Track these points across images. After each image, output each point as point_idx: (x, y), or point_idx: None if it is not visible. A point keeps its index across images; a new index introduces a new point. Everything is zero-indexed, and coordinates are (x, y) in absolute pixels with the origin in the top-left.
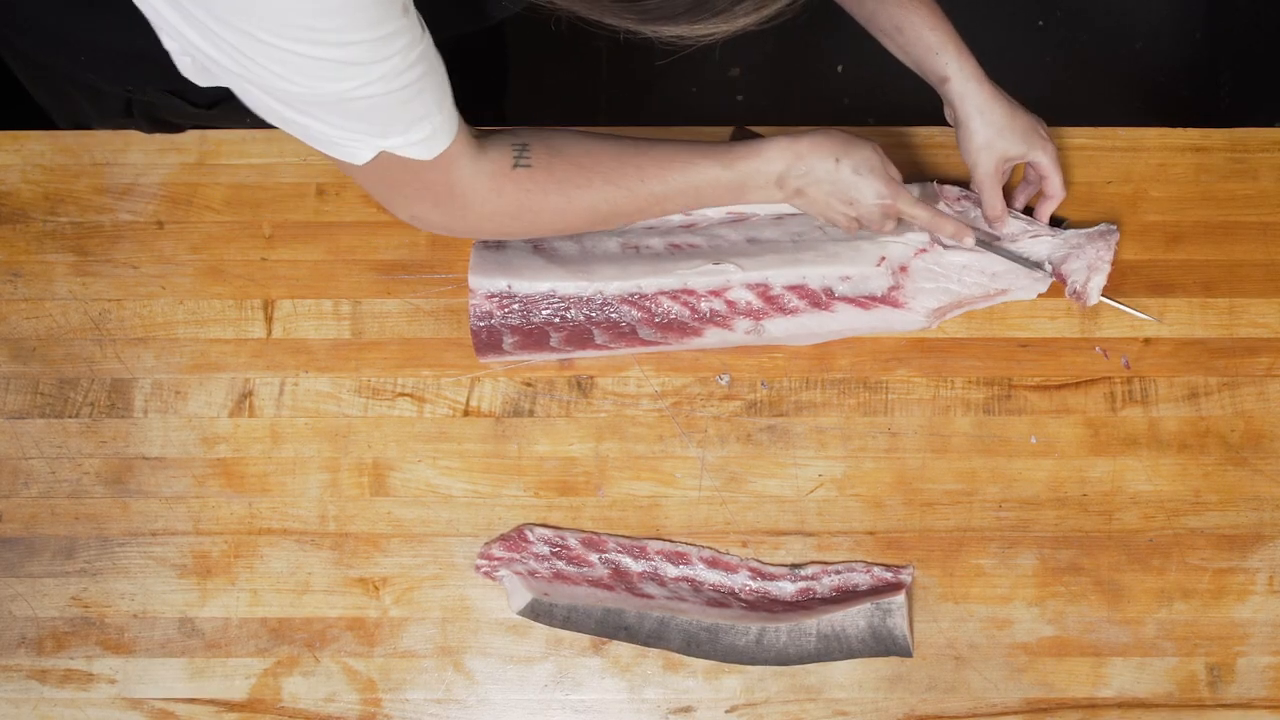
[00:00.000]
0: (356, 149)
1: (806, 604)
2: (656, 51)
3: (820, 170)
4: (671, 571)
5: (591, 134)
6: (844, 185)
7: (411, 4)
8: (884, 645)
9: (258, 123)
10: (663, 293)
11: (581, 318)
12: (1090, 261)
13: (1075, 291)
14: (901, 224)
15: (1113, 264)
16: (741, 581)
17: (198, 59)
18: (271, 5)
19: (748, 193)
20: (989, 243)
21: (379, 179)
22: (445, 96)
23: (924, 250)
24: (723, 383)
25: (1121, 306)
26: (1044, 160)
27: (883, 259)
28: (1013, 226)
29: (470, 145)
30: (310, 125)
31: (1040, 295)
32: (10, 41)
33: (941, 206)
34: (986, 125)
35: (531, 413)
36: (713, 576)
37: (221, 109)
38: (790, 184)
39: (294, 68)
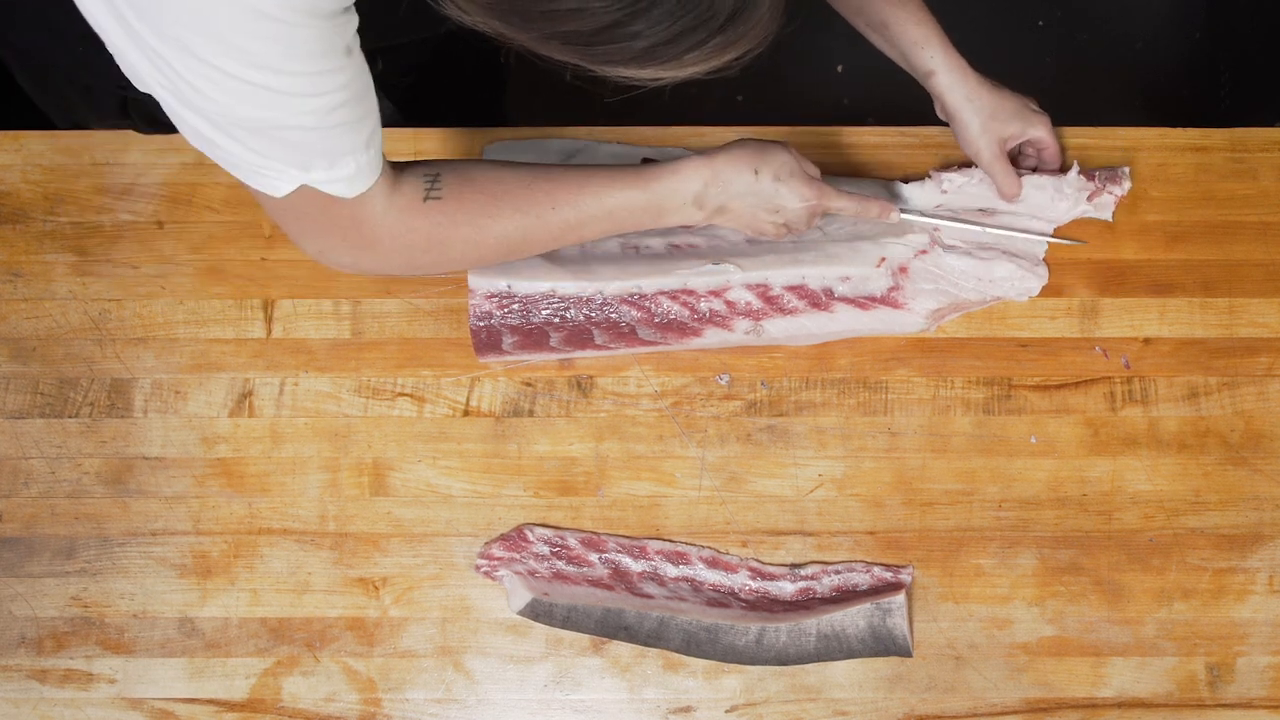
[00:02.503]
0: (277, 180)
1: (806, 604)
2: (609, 86)
3: (740, 184)
4: (671, 571)
5: (505, 164)
6: (767, 195)
7: (357, 45)
8: (884, 645)
9: None
10: (662, 293)
11: (581, 318)
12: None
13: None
14: (828, 216)
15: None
16: (741, 581)
17: (125, 65)
18: (211, 23)
19: (666, 214)
20: (969, 219)
21: (293, 213)
22: (375, 136)
23: (924, 251)
24: (723, 383)
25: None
26: (1042, 134)
27: (883, 260)
28: (1030, 190)
29: (387, 183)
30: (232, 149)
31: (1039, 295)
32: (9, 41)
33: (944, 192)
34: (978, 112)
35: (531, 413)
36: (713, 576)
37: None
38: (710, 202)
39: (224, 89)
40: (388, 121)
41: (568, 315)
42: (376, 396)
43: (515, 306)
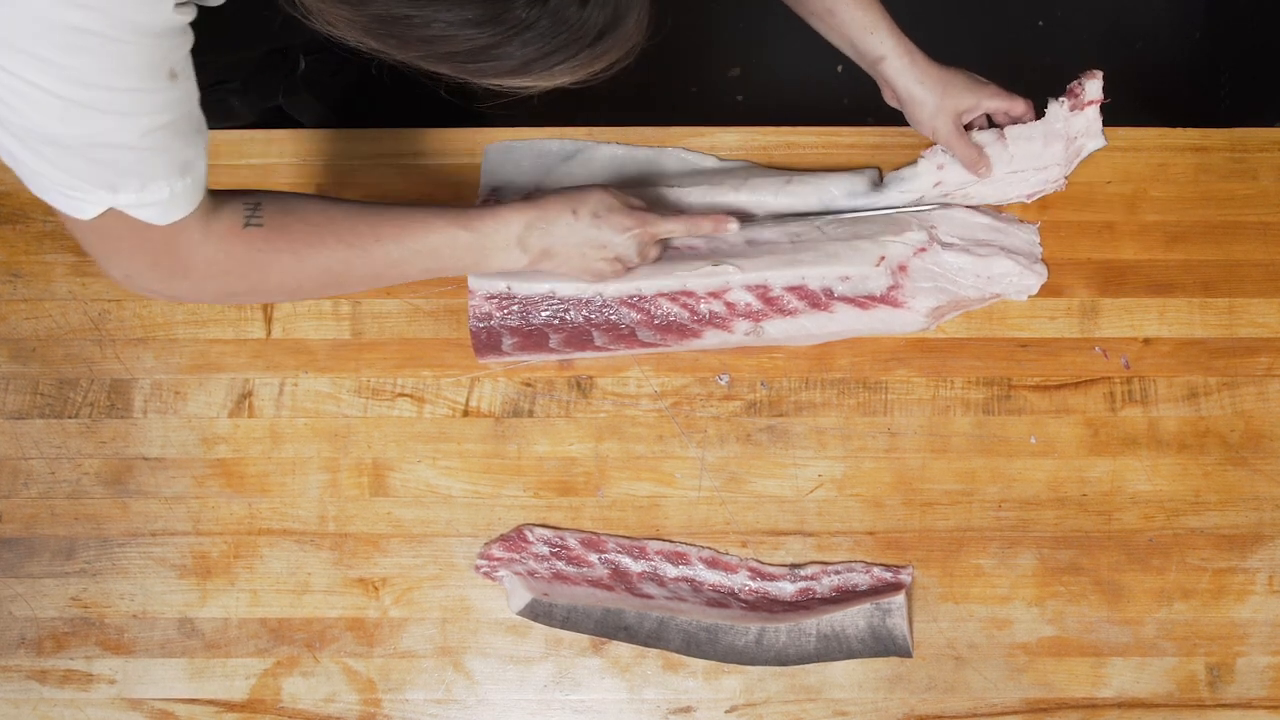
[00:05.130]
0: (83, 202)
1: (806, 604)
2: (477, 96)
3: (560, 226)
4: (671, 572)
5: (326, 197)
6: (588, 234)
7: (186, 70)
8: (884, 645)
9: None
10: (662, 294)
11: (581, 319)
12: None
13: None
14: (666, 244)
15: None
16: (741, 581)
17: None
18: (22, 34)
19: (489, 255)
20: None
21: (98, 235)
22: (195, 164)
23: (923, 250)
24: (722, 383)
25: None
26: (997, 103)
27: (882, 258)
28: (1019, 144)
29: (204, 210)
30: (37, 166)
31: (1039, 295)
32: None
33: (940, 167)
34: (930, 91)
35: (531, 413)
36: (712, 577)
37: None
38: (533, 244)
39: (32, 102)
40: (318, 122)
41: (567, 317)
42: (376, 397)
43: (515, 308)
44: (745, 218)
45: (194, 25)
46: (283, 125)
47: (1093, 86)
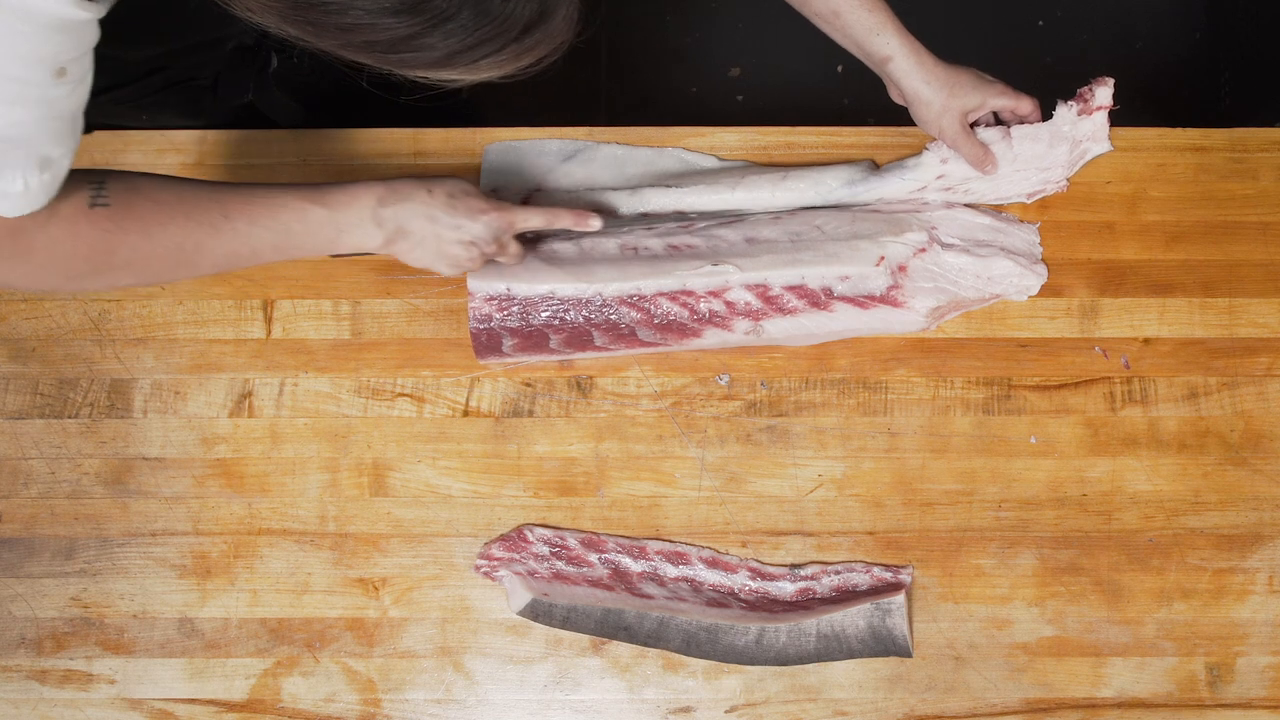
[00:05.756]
0: None
1: (806, 604)
2: (404, 89)
3: (415, 202)
4: (671, 572)
5: (177, 177)
6: (444, 214)
7: (79, 71)
8: (884, 645)
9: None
10: (662, 294)
11: (581, 319)
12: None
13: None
14: (518, 243)
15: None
16: (741, 581)
17: None
18: None
19: (343, 232)
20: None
21: None
22: (59, 164)
23: (923, 250)
24: (722, 383)
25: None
26: (1004, 101)
27: (882, 258)
28: (1024, 144)
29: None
30: None
31: (1039, 295)
32: None
33: (944, 161)
34: (937, 91)
35: (531, 413)
36: (712, 577)
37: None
38: (387, 220)
39: None
40: (291, 121)
41: (567, 317)
42: (376, 397)
43: (515, 309)
44: (610, 214)
45: (140, 22)
46: (257, 124)
47: (1103, 93)
